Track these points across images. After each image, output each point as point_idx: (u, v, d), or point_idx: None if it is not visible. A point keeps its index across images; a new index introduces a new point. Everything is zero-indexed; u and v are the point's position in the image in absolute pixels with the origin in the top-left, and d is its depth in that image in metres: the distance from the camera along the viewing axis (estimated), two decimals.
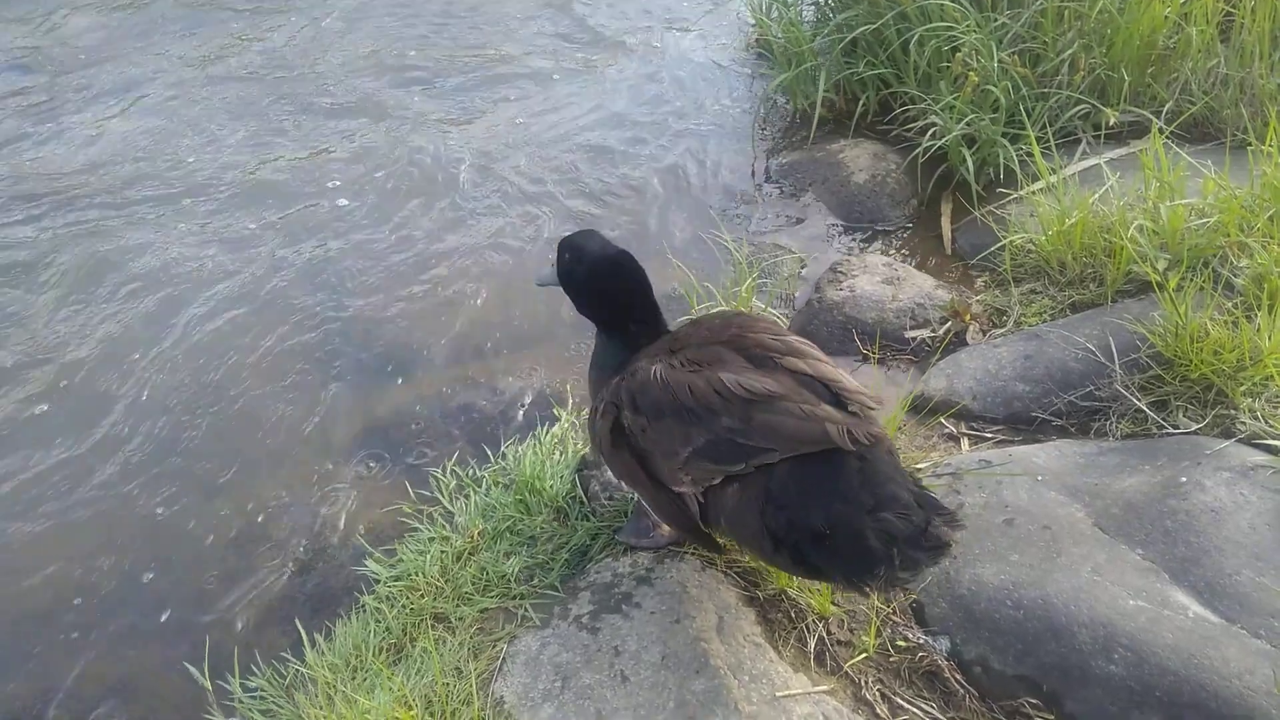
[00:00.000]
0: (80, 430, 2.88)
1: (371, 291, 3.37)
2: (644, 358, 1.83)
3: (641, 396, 1.72)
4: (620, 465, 1.81)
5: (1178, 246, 2.51)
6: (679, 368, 1.71)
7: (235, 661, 2.15)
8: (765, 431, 1.56)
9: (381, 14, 5.51)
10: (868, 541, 1.44)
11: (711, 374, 1.65)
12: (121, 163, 4.21)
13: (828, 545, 1.49)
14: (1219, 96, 3.23)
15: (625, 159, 4.04)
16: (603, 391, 1.89)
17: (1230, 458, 2.03)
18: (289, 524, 2.56)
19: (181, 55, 5.16)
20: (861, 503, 1.48)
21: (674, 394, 1.66)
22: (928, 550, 1.44)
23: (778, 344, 1.73)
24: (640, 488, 1.79)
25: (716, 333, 1.80)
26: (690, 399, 1.63)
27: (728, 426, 1.59)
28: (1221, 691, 1.60)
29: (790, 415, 1.56)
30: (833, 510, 1.50)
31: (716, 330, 1.81)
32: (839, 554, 1.49)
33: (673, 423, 1.65)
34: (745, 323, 1.82)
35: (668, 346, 1.82)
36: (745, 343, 1.74)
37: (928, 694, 1.80)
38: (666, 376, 1.69)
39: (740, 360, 1.70)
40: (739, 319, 1.86)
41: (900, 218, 3.53)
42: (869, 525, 1.45)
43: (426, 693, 1.86)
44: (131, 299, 3.40)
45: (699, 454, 1.62)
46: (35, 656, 2.30)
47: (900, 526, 1.45)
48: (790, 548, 1.54)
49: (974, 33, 3.35)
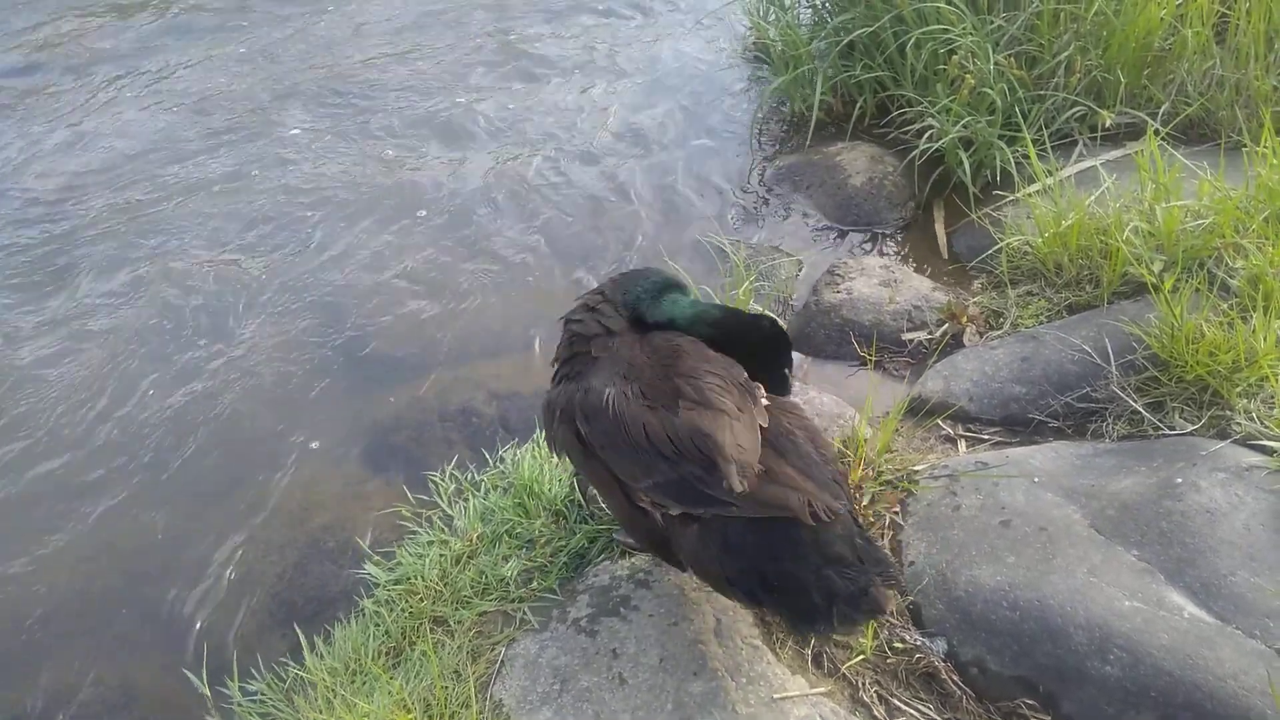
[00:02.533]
0: (78, 437, 2.89)
1: (370, 296, 3.38)
2: (599, 372, 1.79)
3: (595, 421, 1.71)
4: (591, 471, 1.80)
5: (1173, 248, 2.52)
6: (633, 400, 1.69)
7: (234, 666, 2.15)
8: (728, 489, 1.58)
9: (380, 19, 5.52)
10: (811, 597, 1.53)
11: (668, 418, 1.64)
12: (119, 167, 4.22)
13: (778, 597, 1.57)
14: (1214, 98, 3.24)
15: (622, 162, 4.05)
16: (551, 393, 1.90)
17: (1225, 459, 2.04)
18: (288, 528, 2.57)
19: (183, 60, 5.18)
20: (807, 560, 1.55)
21: (628, 430, 1.66)
22: (864, 612, 1.52)
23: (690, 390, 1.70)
24: (611, 498, 1.79)
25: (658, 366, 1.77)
26: (645, 441, 1.64)
27: (692, 474, 1.61)
28: (1217, 692, 1.61)
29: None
30: (784, 567, 1.57)
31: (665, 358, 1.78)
32: (786, 604, 1.57)
33: (630, 453, 1.66)
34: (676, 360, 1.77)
35: (620, 370, 1.78)
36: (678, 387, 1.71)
37: (925, 695, 1.81)
38: (620, 409, 1.68)
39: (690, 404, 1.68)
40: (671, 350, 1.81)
41: (897, 220, 3.54)
42: (814, 582, 1.54)
43: (425, 696, 1.86)
44: (128, 305, 3.41)
45: (659, 489, 1.64)
46: (35, 662, 2.31)
47: (841, 586, 1.53)
48: (744, 590, 1.61)
49: (970, 35, 3.36)
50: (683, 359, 1.77)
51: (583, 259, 3.50)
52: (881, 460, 2.28)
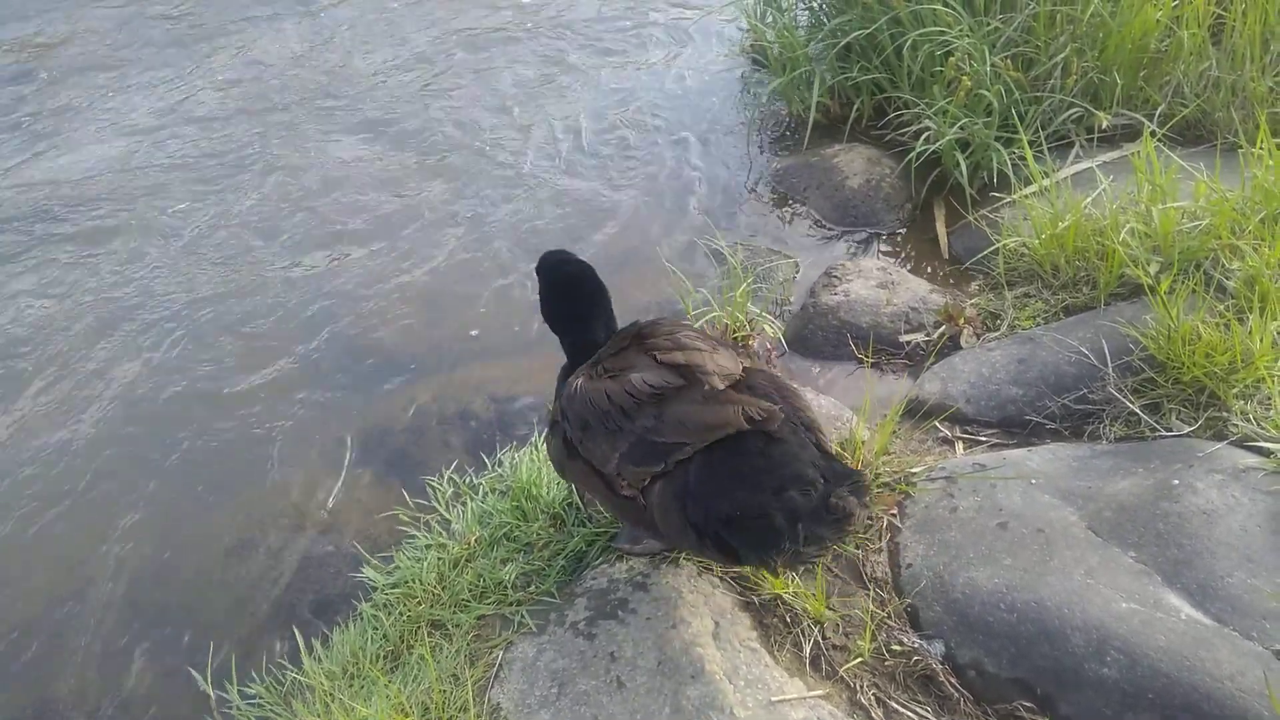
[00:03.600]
0: (78, 441, 2.89)
1: (367, 301, 3.38)
2: (578, 373, 1.89)
3: (570, 410, 1.79)
4: (578, 474, 1.84)
5: (1170, 249, 2.53)
6: (596, 377, 1.77)
7: (233, 669, 2.15)
8: (675, 426, 1.63)
9: (378, 26, 5.52)
10: (773, 521, 1.50)
11: (623, 378, 1.72)
12: (120, 171, 4.22)
13: (739, 529, 1.55)
14: (1210, 99, 3.24)
15: (619, 165, 4.05)
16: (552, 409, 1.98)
17: (1222, 460, 2.04)
18: (286, 532, 2.57)
19: (183, 64, 5.18)
20: (764, 485, 1.54)
21: (592, 403, 1.72)
22: (830, 523, 1.49)
23: (667, 343, 1.79)
24: (598, 494, 1.83)
25: (627, 342, 1.86)
26: (607, 404, 1.69)
27: (644, 426, 1.65)
28: (1214, 693, 1.61)
29: (694, 404, 1.64)
30: (739, 496, 1.55)
31: (630, 339, 1.87)
32: (748, 536, 1.54)
33: (599, 431, 1.71)
34: (651, 328, 1.88)
35: (592, 361, 1.88)
36: (645, 346, 1.81)
37: (923, 698, 1.81)
38: (585, 387, 1.76)
39: (646, 360, 1.76)
40: (648, 325, 1.91)
41: (895, 222, 3.54)
42: (773, 505, 1.51)
43: (424, 700, 1.86)
44: (129, 309, 3.41)
45: (625, 458, 1.68)
46: (36, 666, 2.31)
47: (802, 503, 1.50)
48: (712, 536, 1.59)
49: (967, 37, 3.36)
50: (655, 328, 1.87)
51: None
52: (879, 462, 2.28)
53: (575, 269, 2.04)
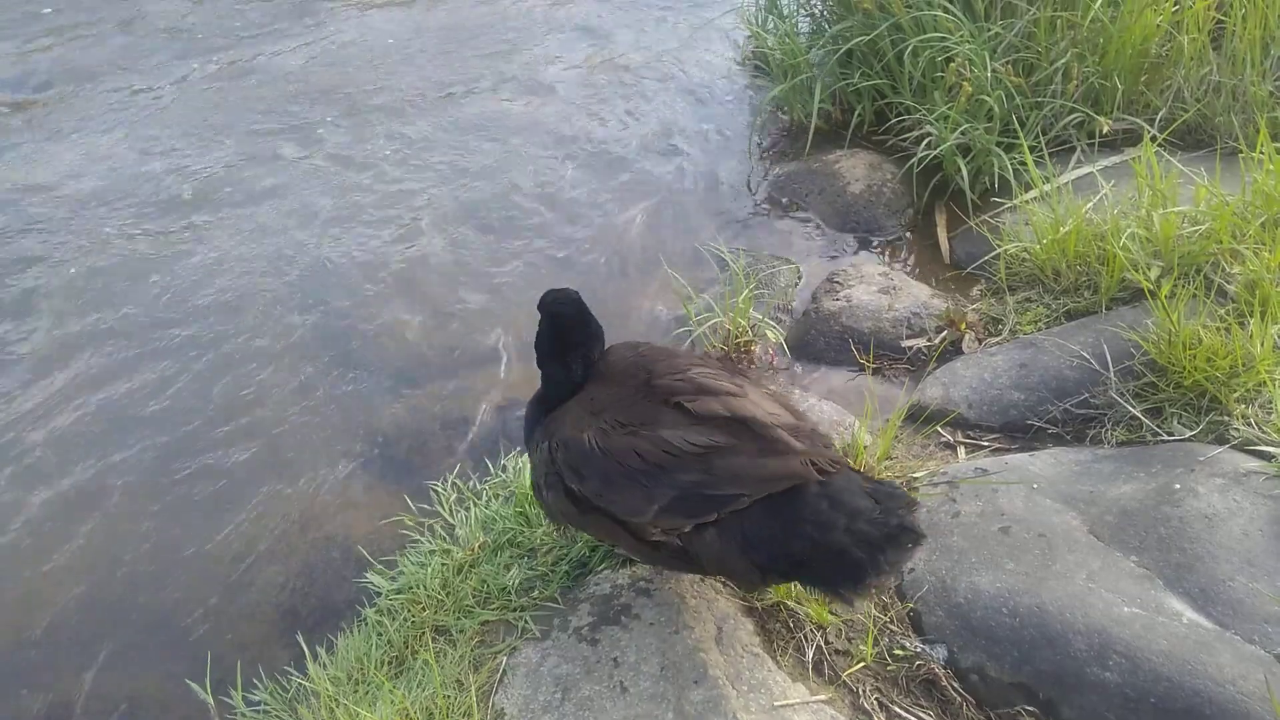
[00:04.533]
0: (82, 445, 2.90)
1: (371, 307, 3.39)
2: (566, 422, 1.81)
3: (586, 467, 1.71)
4: (593, 525, 1.80)
5: (1170, 254, 2.53)
6: (613, 432, 1.71)
7: (238, 675, 2.16)
8: (732, 478, 1.60)
9: (381, 31, 5.55)
10: (852, 555, 1.52)
11: (653, 434, 1.66)
12: (122, 174, 4.24)
13: (815, 568, 1.56)
14: (1211, 104, 3.25)
15: (621, 171, 4.06)
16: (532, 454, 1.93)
17: (1224, 464, 2.04)
18: (290, 538, 2.58)
19: (187, 68, 5.21)
20: (835, 523, 1.55)
21: (620, 461, 1.66)
22: (906, 546, 1.52)
23: (684, 385, 1.74)
24: (620, 541, 1.79)
25: (626, 384, 1.81)
26: (640, 463, 1.64)
27: (691, 481, 1.62)
28: (1216, 697, 1.61)
29: (751, 456, 1.61)
30: (811, 538, 1.56)
31: (626, 379, 1.82)
32: (826, 573, 1.56)
33: (627, 486, 1.66)
34: (648, 365, 1.82)
35: (587, 408, 1.81)
36: (659, 392, 1.75)
37: (925, 702, 1.81)
38: (605, 445, 1.70)
39: (671, 412, 1.71)
40: (639, 359, 1.86)
41: (896, 227, 3.55)
42: (848, 542, 1.53)
43: (428, 705, 1.87)
44: (131, 312, 3.42)
45: (666, 511, 1.63)
46: (39, 672, 2.32)
47: (876, 534, 1.52)
48: (779, 574, 1.62)
49: (968, 43, 3.38)
50: (656, 364, 1.82)
51: (582, 268, 3.52)
52: (881, 467, 2.29)
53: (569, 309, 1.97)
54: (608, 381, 1.87)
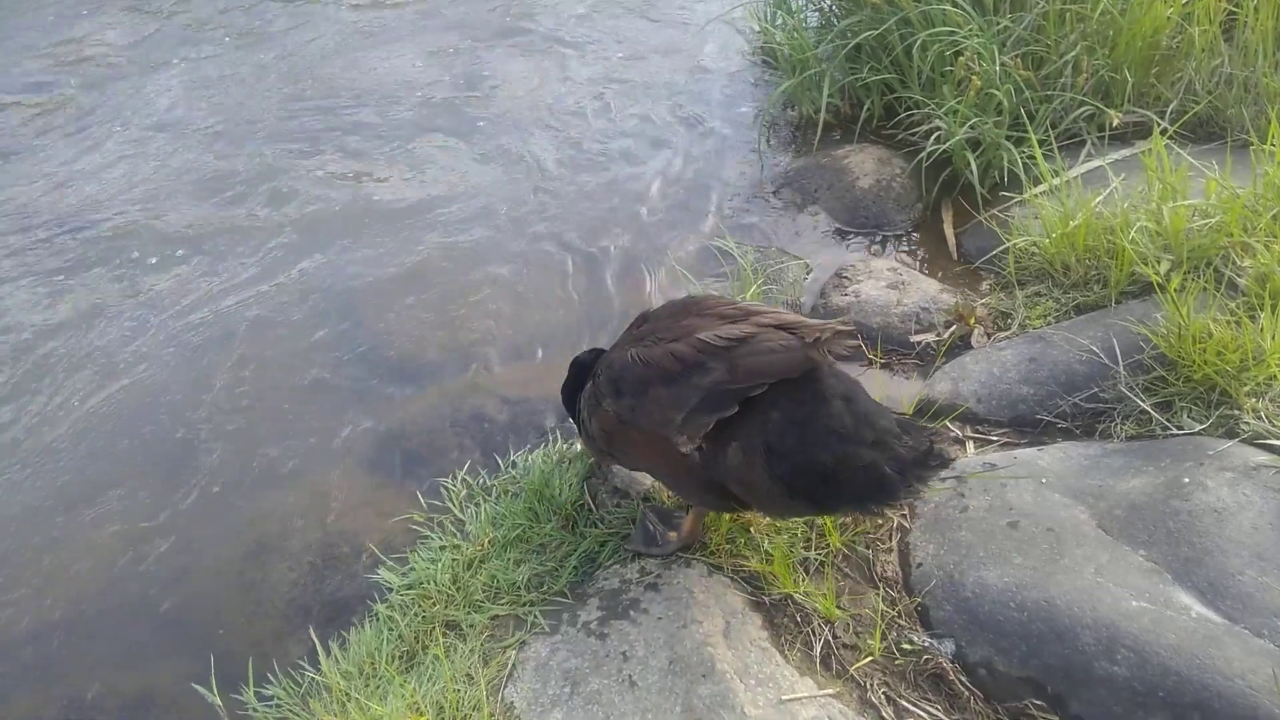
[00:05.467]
0: (91, 445, 2.93)
1: (381, 304, 3.41)
2: (612, 352, 1.95)
3: (623, 380, 1.81)
4: (631, 445, 1.88)
5: (1180, 247, 2.52)
6: (655, 344, 1.80)
7: (250, 671, 2.18)
8: (750, 371, 1.65)
9: (390, 27, 5.57)
10: (883, 470, 1.56)
11: (690, 337, 1.74)
12: (127, 173, 4.28)
13: (841, 483, 1.59)
14: (1222, 96, 3.23)
15: (628, 166, 4.06)
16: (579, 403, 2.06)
17: (1233, 458, 2.04)
18: (302, 535, 2.60)
19: (192, 69, 5.24)
20: (863, 437, 1.59)
21: (658, 365, 1.74)
22: (934, 468, 1.59)
23: (735, 311, 1.83)
24: (655, 459, 1.85)
25: (677, 313, 1.91)
26: (675, 364, 1.71)
27: (716, 379, 1.67)
28: (1225, 691, 1.61)
29: (769, 352, 1.67)
30: (838, 449, 1.59)
31: (676, 312, 1.92)
32: (855, 487, 1.59)
33: (662, 391, 1.73)
34: (700, 301, 1.93)
35: (633, 337, 1.93)
36: (707, 314, 1.84)
37: (933, 696, 1.82)
38: (644, 355, 1.78)
39: (711, 323, 1.79)
40: (690, 301, 1.96)
41: (905, 222, 3.54)
42: (878, 457, 1.57)
43: (438, 699, 1.89)
44: (137, 313, 3.45)
45: (697, 411, 1.68)
46: (51, 670, 2.35)
47: (907, 453, 1.58)
48: (804, 492, 1.63)
49: (976, 36, 3.36)
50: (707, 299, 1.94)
51: (590, 263, 3.52)
52: None
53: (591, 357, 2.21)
54: (654, 318, 1.97)
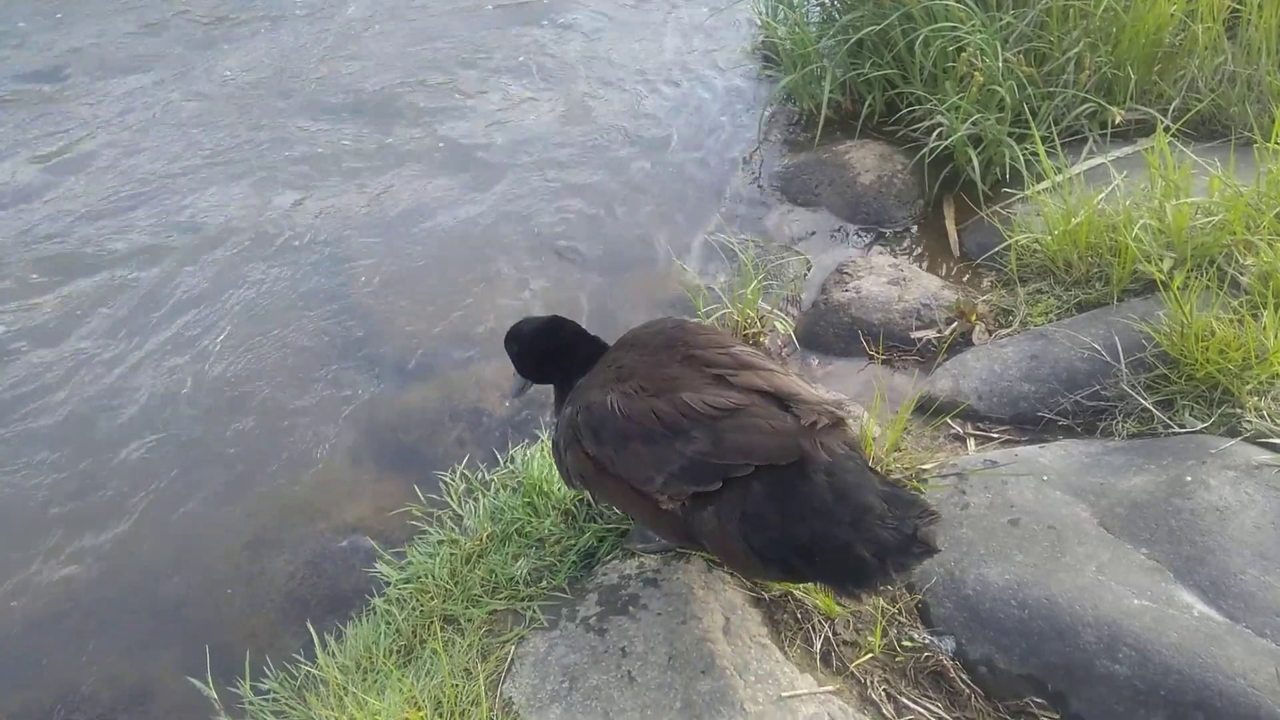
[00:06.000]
0: (89, 438, 2.91)
1: (380, 297, 3.40)
2: (592, 386, 1.83)
3: (603, 429, 1.71)
4: (606, 489, 1.80)
5: (1183, 245, 2.51)
6: (636, 395, 1.70)
7: (246, 664, 2.17)
8: (736, 450, 1.57)
9: (389, 26, 5.54)
10: (857, 552, 1.47)
11: (674, 397, 1.65)
12: (127, 174, 4.26)
13: (815, 561, 1.52)
14: (1226, 94, 3.22)
15: (629, 161, 4.05)
16: (551, 432, 1.97)
17: (1235, 456, 2.03)
18: (300, 528, 2.59)
19: (194, 70, 5.21)
20: (839, 517, 1.50)
21: (639, 422, 1.65)
22: (916, 555, 1.49)
23: (726, 359, 1.73)
24: (631, 506, 1.80)
25: (661, 354, 1.80)
26: (658, 425, 1.63)
27: (700, 450, 1.59)
28: (1226, 690, 1.60)
29: (757, 431, 1.58)
30: (813, 528, 1.52)
31: (660, 350, 1.81)
32: (831, 568, 1.52)
33: (642, 449, 1.65)
34: (687, 338, 1.81)
35: (614, 375, 1.81)
36: (696, 364, 1.74)
37: (933, 694, 1.81)
38: (625, 407, 1.69)
39: (697, 378, 1.70)
40: (678, 332, 1.85)
41: (906, 218, 3.53)
42: (856, 538, 1.48)
43: (436, 694, 1.88)
44: (140, 305, 3.43)
45: (677, 478, 1.62)
46: (49, 661, 2.34)
47: (888, 537, 1.48)
48: (779, 563, 1.56)
49: (979, 32, 3.35)
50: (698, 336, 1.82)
51: (591, 259, 3.51)
52: (890, 459, 2.28)
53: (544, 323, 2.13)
54: (638, 350, 1.86)
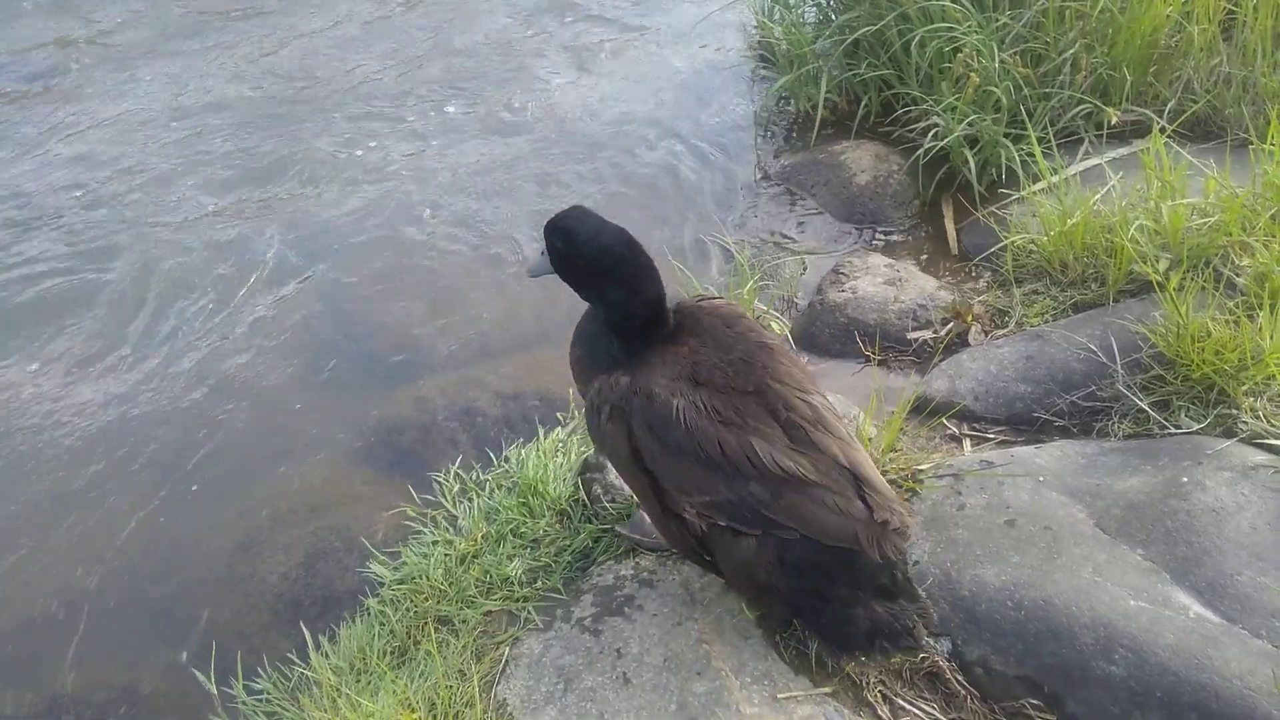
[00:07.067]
0: (85, 437, 2.90)
1: (374, 298, 3.39)
2: (657, 373, 1.72)
3: (662, 429, 1.65)
4: (634, 482, 1.78)
5: (1179, 246, 2.51)
6: (705, 414, 1.63)
7: (239, 665, 2.16)
8: (793, 514, 1.59)
9: (388, 24, 5.53)
10: (857, 626, 1.62)
11: (744, 437, 1.61)
12: (129, 170, 4.24)
13: (823, 616, 1.65)
14: (1221, 95, 3.22)
15: (626, 161, 4.05)
16: (597, 384, 1.78)
17: (1231, 458, 2.03)
18: (294, 528, 2.58)
19: (194, 65, 5.19)
20: (862, 590, 1.63)
21: (700, 445, 1.62)
22: (903, 648, 1.64)
23: (808, 411, 1.67)
24: (645, 500, 1.79)
25: (739, 371, 1.70)
26: (720, 457, 1.60)
27: (755, 495, 1.59)
28: (1222, 692, 1.60)
29: (823, 506, 1.58)
30: (838, 592, 1.63)
31: (738, 364, 1.71)
32: (829, 627, 1.66)
33: (694, 467, 1.63)
34: (768, 362, 1.72)
35: (687, 371, 1.71)
36: (772, 400, 1.67)
37: (929, 695, 1.81)
38: (691, 421, 1.63)
39: (773, 426, 1.64)
40: (759, 351, 1.75)
41: (902, 219, 3.53)
42: (862, 614, 1.62)
43: (430, 695, 1.87)
44: (132, 306, 3.42)
45: (717, 507, 1.63)
46: (42, 661, 2.32)
47: (886, 621, 1.62)
48: (791, 604, 1.69)
49: (975, 33, 3.35)
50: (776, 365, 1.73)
51: None
52: (886, 460, 2.28)
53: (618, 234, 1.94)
54: (713, 350, 1.76)
